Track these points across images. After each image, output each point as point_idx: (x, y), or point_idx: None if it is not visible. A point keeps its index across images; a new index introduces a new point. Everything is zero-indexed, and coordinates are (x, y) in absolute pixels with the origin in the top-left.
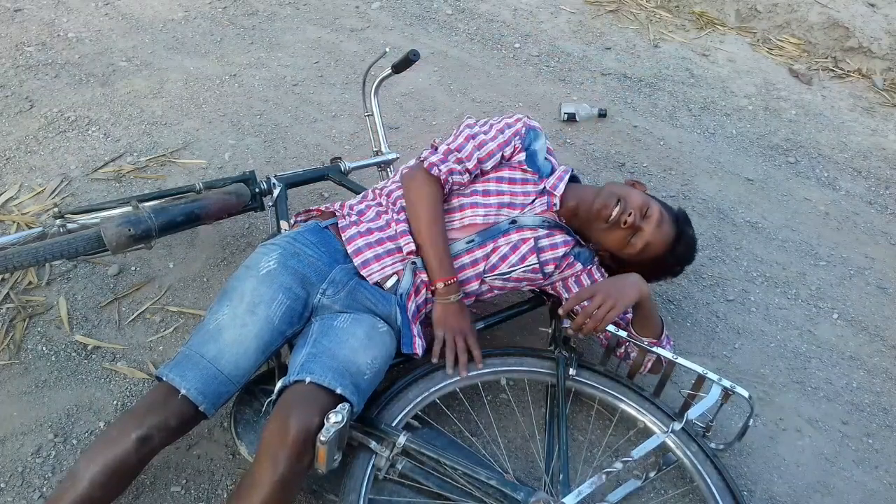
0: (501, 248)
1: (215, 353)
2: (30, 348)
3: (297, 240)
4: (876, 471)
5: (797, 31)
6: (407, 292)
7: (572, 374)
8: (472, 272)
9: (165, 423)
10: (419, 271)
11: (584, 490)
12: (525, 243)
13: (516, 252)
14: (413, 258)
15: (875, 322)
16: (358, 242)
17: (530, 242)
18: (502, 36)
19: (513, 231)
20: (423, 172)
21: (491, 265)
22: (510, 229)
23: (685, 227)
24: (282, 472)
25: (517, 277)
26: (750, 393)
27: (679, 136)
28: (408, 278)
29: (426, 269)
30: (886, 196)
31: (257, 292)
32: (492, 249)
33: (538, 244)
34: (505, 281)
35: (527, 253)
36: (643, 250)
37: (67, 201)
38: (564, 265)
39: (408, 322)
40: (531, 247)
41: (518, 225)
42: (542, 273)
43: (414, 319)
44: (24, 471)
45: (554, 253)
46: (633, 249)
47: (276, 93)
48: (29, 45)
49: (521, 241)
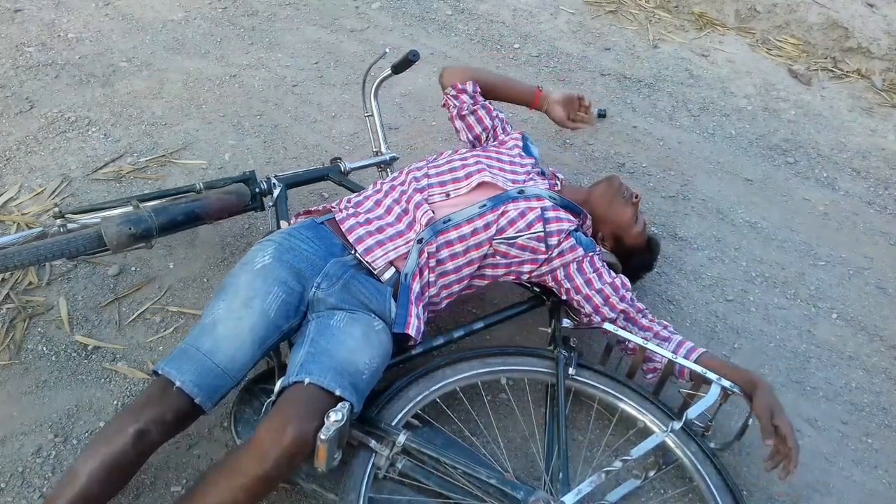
0: (510, 213)
1: (210, 346)
2: (30, 348)
3: (292, 235)
4: (875, 470)
5: (796, 32)
6: (412, 272)
7: (572, 373)
8: (485, 235)
9: (162, 417)
10: (426, 246)
11: (583, 489)
12: (532, 211)
13: (524, 218)
14: (421, 233)
15: (874, 322)
16: (359, 231)
17: (537, 211)
18: (502, 36)
19: (521, 199)
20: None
21: (499, 228)
22: (518, 197)
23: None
24: (267, 469)
25: (522, 244)
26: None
27: (678, 136)
28: (413, 258)
29: (518, 101)
30: (886, 196)
31: (252, 286)
32: (501, 213)
33: (545, 214)
34: (510, 246)
35: (534, 220)
36: (644, 230)
37: (68, 201)
38: (566, 244)
39: (408, 303)
40: (538, 215)
41: (526, 195)
42: (546, 244)
43: (417, 301)
44: (24, 471)
45: (559, 226)
46: (639, 226)
47: (276, 93)
48: (29, 45)
49: (528, 209)
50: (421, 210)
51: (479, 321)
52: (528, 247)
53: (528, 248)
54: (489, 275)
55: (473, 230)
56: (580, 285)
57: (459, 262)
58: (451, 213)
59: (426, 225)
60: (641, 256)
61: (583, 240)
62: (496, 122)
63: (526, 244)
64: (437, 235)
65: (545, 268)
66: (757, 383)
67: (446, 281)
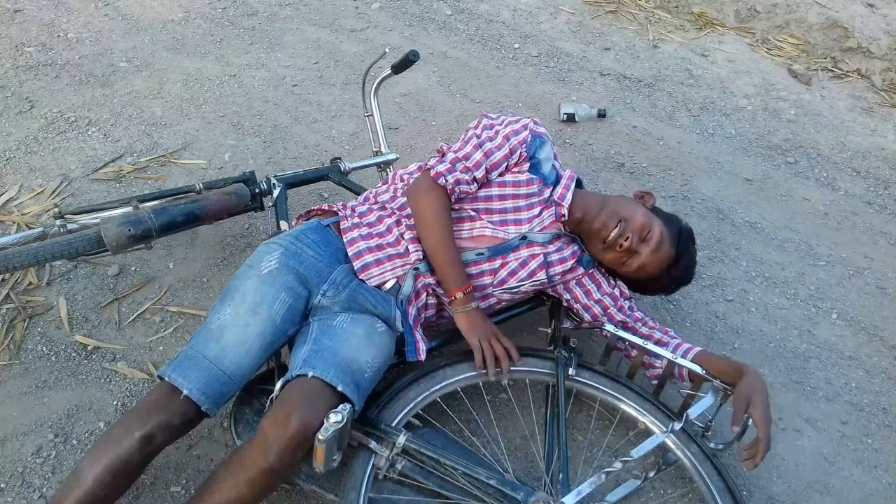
0: (511, 264)
1: (217, 353)
2: (30, 348)
3: (299, 239)
4: (875, 470)
5: (796, 32)
6: (408, 297)
7: (572, 373)
8: (482, 282)
9: (169, 423)
10: (421, 275)
11: (583, 490)
12: (534, 259)
13: (525, 268)
14: (416, 264)
15: (874, 322)
16: (359, 245)
17: (540, 258)
18: (502, 36)
19: (523, 247)
20: (429, 182)
21: (500, 279)
22: (520, 245)
23: (687, 247)
24: (272, 462)
25: (524, 291)
26: None
27: (678, 136)
28: (409, 283)
29: (440, 283)
30: (885, 196)
31: (259, 292)
32: (501, 264)
33: (547, 259)
34: (513, 294)
35: (536, 269)
36: (637, 271)
37: (67, 202)
38: (569, 271)
39: (410, 328)
40: (540, 263)
41: (528, 241)
42: (550, 281)
43: (415, 324)
44: (24, 471)
45: (563, 266)
46: (627, 269)
47: (276, 93)
48: (29, 45)
49: (530, 258)
50: (414, 245)
51: None
52: (530, 291)
53: (532, 291)
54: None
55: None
56: (579, 296)
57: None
58: None
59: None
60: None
61: (583, 260)
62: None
63: (528, 290)
64: (432, 273)
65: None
66: (745, 372)
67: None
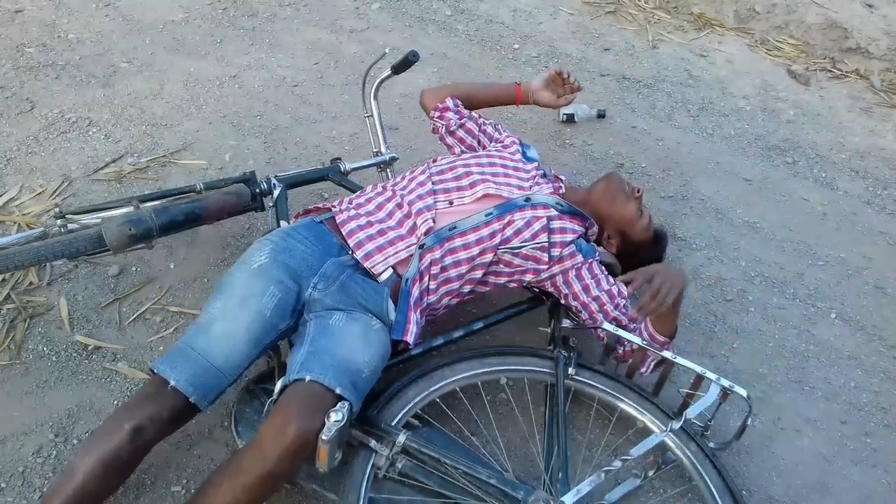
0: (516, 223)
1: (205, 345)
2: (31, 348)
3: (290, 235)
4: (874, 470)
5: (795, 32)
6: (413, 277)
7: (571, 373)
8: (490, 244)
9: (158, 415)
10: (427, 251)
11: (583, 489)
12: (538, 221)
13: (529, 228)
14: (423, 240)
15: (873, 322)
16: (359, 235)
17: (543, 221)
18: (501, 37)
19: (528, 208)
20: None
21: (504, 238)
22: (525, 206)
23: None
24: (270, 467)
25: (525, 254)
26: (748, 392)
27: (677, 136)
28: (414, 263)
29: (498, 98)
30: (884, 196)
31: (249, 285)
32: (507, 223)
33: (550, 224)
34: (514, 255)
35: (539, 231)
36: (650, 224)
37: (68, 202)
38: (567, 253)
39: (407, 309)
40: (543, 225)
41: (532, 203)
42: (549, 255)
43: (416, 306)
44: (24, 471)
45: (563, 237)
46: (645, 220)
47: (276, 94)
48: (29, 46)
49: (534, 219)
50: (422, 217)
51: (479, 321)
52: (531, 256)
53: (532, 258)
54: (491, 282)
55: (478, 239)
56: (578, 292)
57: (463, 269)
58: (456, 221)
59: (426, 234)
60: (650, 250)
61: (583, 247)
62: (487, 126)
63: (529, 254)
64: (441, 243)
65: (545, 275)
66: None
67: (449, 288)
